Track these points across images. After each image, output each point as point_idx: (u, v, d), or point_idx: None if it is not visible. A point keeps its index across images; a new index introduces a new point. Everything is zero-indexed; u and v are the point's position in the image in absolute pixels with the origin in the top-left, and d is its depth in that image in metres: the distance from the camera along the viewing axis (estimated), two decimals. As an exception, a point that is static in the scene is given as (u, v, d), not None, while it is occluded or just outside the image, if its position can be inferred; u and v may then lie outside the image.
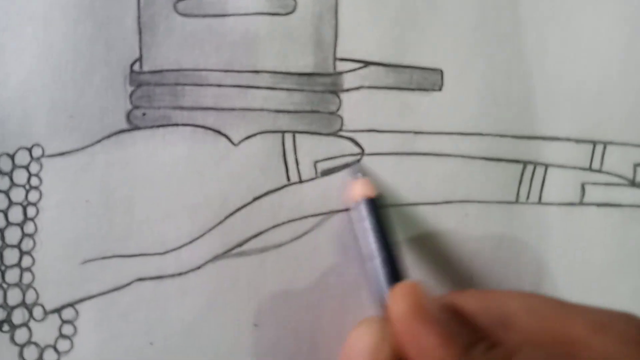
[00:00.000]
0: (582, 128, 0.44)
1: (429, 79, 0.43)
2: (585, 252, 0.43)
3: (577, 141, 0.44)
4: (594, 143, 0.44)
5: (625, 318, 0.35)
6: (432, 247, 0.43)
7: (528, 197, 0.43)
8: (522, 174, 0.43)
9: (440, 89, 0.43)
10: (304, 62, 0.43)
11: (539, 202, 0.43)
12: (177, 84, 0.42)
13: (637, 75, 0.44)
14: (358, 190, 0.42)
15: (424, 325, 0.35)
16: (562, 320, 0.35)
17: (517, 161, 0.44)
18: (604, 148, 0.44)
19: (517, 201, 0.43)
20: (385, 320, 0.37)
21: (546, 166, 0.44)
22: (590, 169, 0.44)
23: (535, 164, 0.44)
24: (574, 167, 0.44)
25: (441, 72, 0.43)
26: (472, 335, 0.35)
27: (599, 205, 0.44)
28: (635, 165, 0.44)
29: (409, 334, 0.35)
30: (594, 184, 0.44)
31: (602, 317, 0.35)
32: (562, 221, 0.44)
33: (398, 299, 0.36)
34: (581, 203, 0.44)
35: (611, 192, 0.44)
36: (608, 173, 0.44)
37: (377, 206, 0.41)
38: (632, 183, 0.44)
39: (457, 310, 0.36)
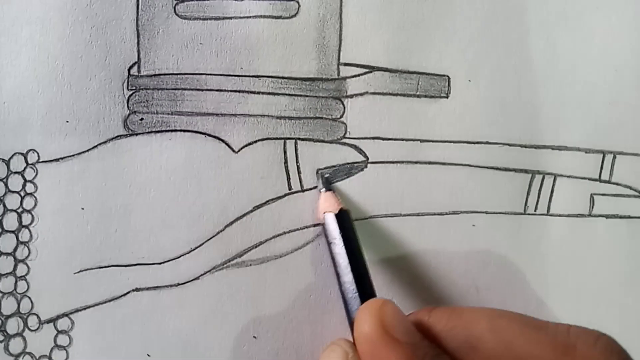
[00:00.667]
0: (592, 137, 0.42)
1: (435, 86, 0.42)
2: (594, 264, 0.42)
3: (587, 151, 0.42)
4: (604, 153, 0.43)
5: (594, 338, 0.33)
6: (437, 259, 0.41)
7: (536, 208, 0.42)
8: (530, 184, 0.42)
9: (447, 96, 0.42)
10: (307, 67, 0.41)
11: (548, 213, 0.42)
12: (175, 89, 0.41)
13: (648, 82, 0.44)
14: (322, 204, 0.40)
15: (387, 347, 0.33)
16: (527, 343, 0.33)
17: (525, 171, 0.42)
18: (614, 158, 0.43)
19: (525, 212, 0.42)
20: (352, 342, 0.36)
21: (555, 176, 0.42)
22: (599, 179, 0.43)
23: (544, 174, 0.42)
24: (583, 178, 0.42)
25: (448, 78, 0.42)
26: (438, 358, 0.33)
27: (607, 216, 0.42)
28: (645, 176, 0.44)
29: (373, 355, 0.34)
30: (603, 195, 0.43)
31: (568, 339, 0.33)
32: (570, 233, 0.42)
33: (364, 319, 0.35)
34: (590, 215, 0.42)
35: (620, 204, 0.43)
36: (617, 184, 0.43)
37: (345, 221, 0.39)
38: (642, 194, 0.44)
39: (425, 329, 0.34)
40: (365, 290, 0.37)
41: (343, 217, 0.39)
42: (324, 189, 0.41)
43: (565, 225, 0.42)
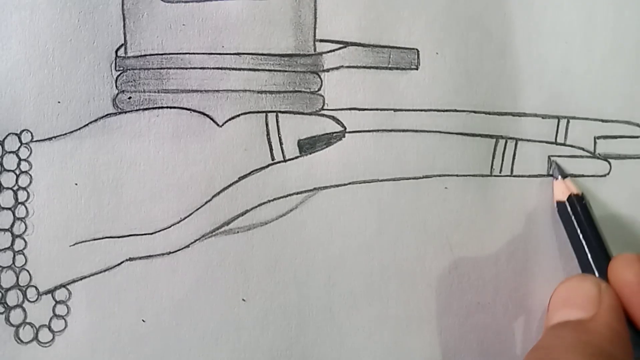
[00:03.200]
0: (547, 104, 0.42)
1: (405, 59, 0.41)
2: (553, 218, 0.42)
3: (543, 116, 0.42)
4: (559, 118, 0.42)
5: None
6: (413, 220, 0.41)
7: (501, 170, 0.42)
8: (495, 148, 0.41)
9: (417, 68, 0.41)
10: (285, 44, 0.40)
11: (511, 174, 0.42)
12: (161, 68, 0.40)
13: (597, 53, 0.42)
14: (565, 188, 0.41)
15: None
16: None
17: (490, 136, 0.41)
18: (568, 122, 0.42)
19: (491, 174, 0.42)
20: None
21: (516, 140, 0.42)
22: (555, 142, 0.42)
23: (507, 139, 0.42)
24: (541, 141, 0.42)
25: (417, 51, 0.41)
26: None
27: (564, 176, 0.42)
28: (596, 138, 0.42)
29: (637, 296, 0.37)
30: (560, 156, 0.42)
31: None
32: (532, 192, 0.42)
33: (624, 267, 0.37)
34: (549, 175, 0.42)
35: (575, 164, 0.42)
36: (572, 146, 0.42)
37: (582, 201, 0.41)
38: (593, 155, 0.43)
39: None
40: (607, 253, 0.40)
41: (579, 201, 0.41)
42: (559, 177, 0.41)
43: (527, 184, 0.42)
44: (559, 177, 0.42)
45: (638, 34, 0.43)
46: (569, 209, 0.41)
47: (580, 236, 0.40)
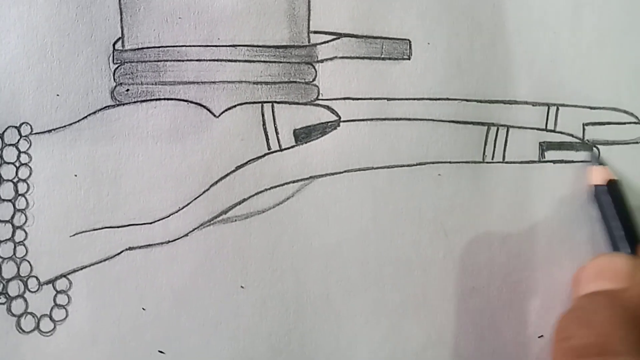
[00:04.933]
0: (537, 92, 0.41)
1: (398, 49, 0.40)
2: (544, 204, 0.41)
3: (534, 104, 0.41)
4: (548, 105, 0.41)
5: None
6: (408, 207, 0.40)
7: (493, 156, 0.40)
8: (486, 136, 0.40)
9: (409, 58, 0.40)
10: (280, 36, 0.39)
11: (503, 160, 0.40)
12: (158, 60, 0.38)
13: (584, 42, 0.41)
14: (602, 174, 0.41)
15: None
16: None
17: (481, 123, 0.40)
18: (557, 110, 0.41)
19: (483, 160, 0.40)
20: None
21: (507, 127, 0.41)
22: (546, 129, 0.41)
23: (498, 126, 0.40)
24: (532, 128, 0.41)
25: (409, 42, 0.40)
26: None
27: (554, 162, 0.41)
28: (584, 125, 0.41)
29: None
30: (550, 142, 0.42)
31: None
32: (523, 178, 0.41)
33: None
34: (540, 160, 0.41)
35: (565, 150, 0.42)
36: (561, 132, 0.41)
37: (617, 186, 0.40)
38: (582, 141, 0.42)
39: None
40: (636, 236, 0.40)
41: (615, 187, 0.41)
42: (597, 164, 0.41)
43: (519, 170, 0.41)
44: (598, 163, 0.41)
45: (624, 23, 0.42)
46: (607, 193, 0.41)
47: (617, 218, 0.40)
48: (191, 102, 0.39)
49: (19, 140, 0.38)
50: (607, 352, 0.33)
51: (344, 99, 0.40)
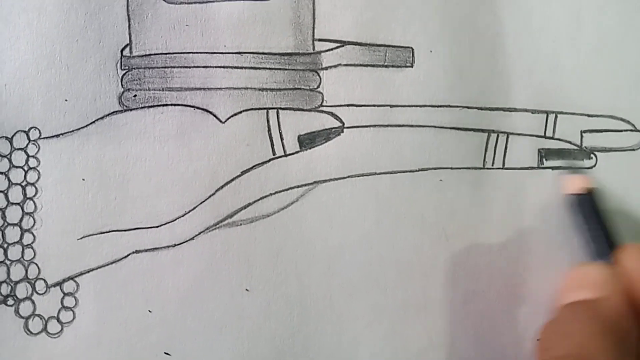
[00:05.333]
0: (537, 99, 0.41)
1: (401, 56, 0.40)
2: (543, 209, 0.41)
3: (533, 111, 0.41)
4: (547, 113, 0.41)
5: None
6: (410, 212, 0.40)
7: (493, 162, 0.41)
8: (487, 142, 0.41)
9: (412, 66, 0.40)
10: (285, 43, 0.39)
11: (503, 167, 0.41)
12: (165, 67, 0.38)
13: (583, 51, 0.42)
14: (578, 183, 0.41)
15: None
16: None
17: (482, 130, 0.41)
18: (556, 117, 0.41)
19: (484, 167, 0.41)
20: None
21: (507, 134, 0.41)
22: (544, 136, 0.41)
23: (498, 133, 0.41)
24: (531, 135, 0.41)
25: (412, 50, 0.40)
26: None
27: (553, 168, 0.41)
28: (582, 132, 0.42)
29: None
30: (549, 149, 0.42)
31: None
32: (523, 183, 0.41)
33: (632, 255, 0.38)
34: (539, 167, 0.42)
35: (563, 157, 0.42)
36: (560, 139, 0.42)
37: (594, 195, 0.40)
38: (580, 148, 0.42)
39: None
40: (614, 243, 0.40)
41: (593, 195, 0.41)
42: (573, 172, 0.41)
43: (518, 176, 0.41)
44: (574, 172, 0.41)
45: (622, 32, 0.42)
46: (583, 202, 0.41)
47: (593, 227, 0.40)
48: (198, 107, 0.39)
49: (27, 145, 0.38)
50: None
51: (348, 105, 0.40)
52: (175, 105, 0.39)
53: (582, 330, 0.35)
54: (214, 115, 0.39)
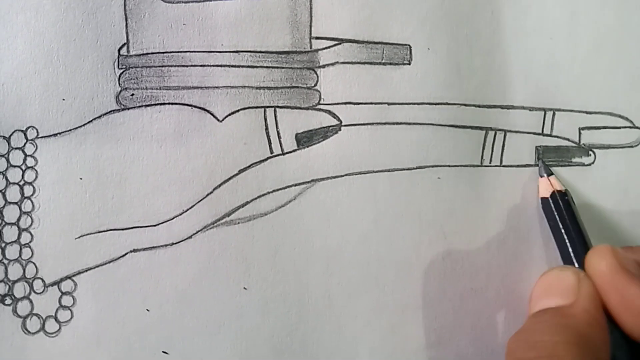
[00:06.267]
0: (534, 97, 0.41)
1: (398, 54, 0.39)
2: (541, 207, 0.40)
3: (530, 109, 0.41)
4: (545, 110, 0.41)
5: None
6: (408, 210, 0.39)
7: (491, 160, 0.40)
8: (484, 140, 0.40)
9: (409, 63, 0.40)
10: (282, 42, 0.38)
11: (501, 164, 0.40)
12: (162, 66, 0.38)
13: (580, 48, 0.41)
14: (549, 185, 0.40)
15: (626, 279, 0.35)
16: None
17: (480, 128, 0.40)
18: (553, 114, 0.41)
19: (481, 164, 0.40)
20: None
21: (505, 132, 0.40)
22: (542, 133, 0.41)
23: (496, 130, 0.40)
24: (529, 132, 0.41)
25: (409, 47, 0.40)
26: None
27: (551, 165, 0.41)
28: (580, 129, 0.41)
29: (611, 286, 0.36)
30: (547, 146, 0.41)
31: None
32: (521, 181, 0.41)
33: (597, 259, 0.37)
34: (537, 164, 0.41)
35: (561, 154, 0.41)
36: (558, 137, 0.41)
37: (565, 197, 0.40)
38: (578, 145, 0.41)
39: None
40: (586, 244, 0.39)
41: (562, 197, 0.40)
42: (545, 175, 0.40)
43: (516, 174, 0.41)
44: (544, 174, 0.40)
45: (619, 29, 0.41)
46: (552, 205, 0.39)
47: (562, 230, 0.39)
48: (195, 106, 0.38)
49: (25, 144, 0.37)
50: None
51: (345, 103, 0.39)
52: (172, 104, 0.38)
53: (549, 342, 0.34)
54: (212, 114, 0.38)
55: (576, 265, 0.38)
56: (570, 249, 0.39)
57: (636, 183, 0.41)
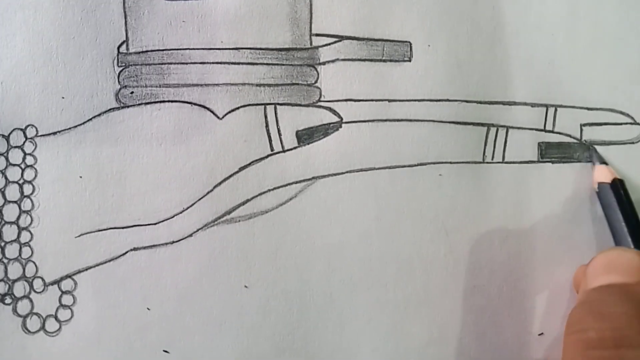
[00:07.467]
0: (536, 93, 0.40)
1: (399, 51, 0.38)
2: (544, 203, 0.40)
3: (532, 105, 0.40)
4: (547, 106, 0.40)
5: None
6: (409, 207, 0.38)
7: (493, 156, 0.39)
8: (486, 136, 0.39)
9: (410, 60, 0.39)
10: (282, 38, 0.38)
11: (503, 161, 0.39)
12: (162, 63, 0.37)
13: (581, 44, 0.40)
14: (608, 173, 0.40)
15: None
16: None
17: (481, 124, 0.39)
18: (555, 111, 0.40)
19: (483, 161, 0.39)
20: None
21: (507, 128, 0.39)
22: (544, 129, 0.40)
23: (498, 127, 0.39)
24: (531, 129, 0.40)
25: (410, 44, 0.39)
26: None
27: (553, 162, 0.40)
28: (582, 125, 0.40)
29: None
30: (549, 142, 0.40)
31: None
32: (523, 177, 0.40)
33: None
34: (539, 161, 0.40)
35: (563, 150, 0.40)
36: (560, 133, 0.40)
37: (621, 185, 0.39)
38: (580, 141, 0.40)
39: None
40: None
41: (621, 185, 0.39)
42: (598, 163, 0.40)
43: (518, 170, 0.40)
44: (597, 162, 0.40)
45: (619, 25, 0.40)
46: (611, 191, 0.39)
47: (621, 216, 0.39)
48: (195, 104, 0.37)
49: (24, 142, 0.37)
50: (623, 344, 0.32)
51: (346, 100, 0.38)
52: (172, 101, 0.37)
53: (618, 313, 0.33)
54: (212, 112, 0.37)
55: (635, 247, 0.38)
56: (628, 235, 0.38)
57: (637, 179, 0.40)
